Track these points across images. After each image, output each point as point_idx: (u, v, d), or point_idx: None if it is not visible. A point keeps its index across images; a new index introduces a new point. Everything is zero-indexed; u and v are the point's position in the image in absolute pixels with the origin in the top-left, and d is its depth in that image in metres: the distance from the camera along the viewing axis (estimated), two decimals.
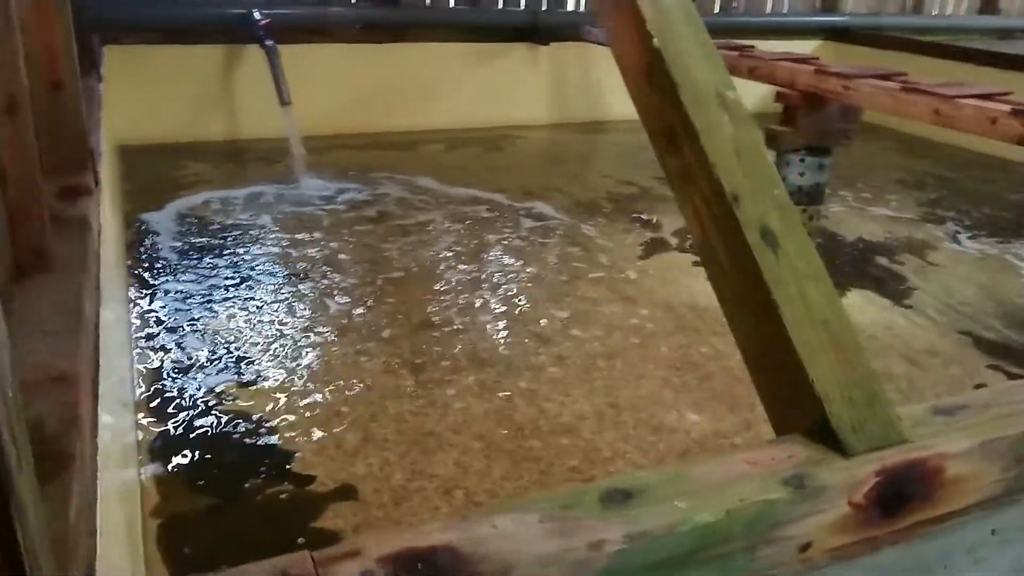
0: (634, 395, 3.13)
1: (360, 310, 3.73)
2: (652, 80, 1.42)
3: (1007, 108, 3.21)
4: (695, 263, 4.34)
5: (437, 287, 4.02)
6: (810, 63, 4.35)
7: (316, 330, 3.52)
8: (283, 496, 2.50)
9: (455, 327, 3.61)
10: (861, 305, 4.03)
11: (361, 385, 3.10)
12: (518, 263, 4.36)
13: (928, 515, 1.16)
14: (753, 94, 4.53)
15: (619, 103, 6.98)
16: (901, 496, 1.12)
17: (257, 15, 5.82)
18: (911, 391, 3.23)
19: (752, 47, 4.97)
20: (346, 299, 3.82)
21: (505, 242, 4.65)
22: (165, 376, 3.09)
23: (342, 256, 4.33)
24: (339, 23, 6.53)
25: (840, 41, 8.60)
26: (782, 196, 1.30)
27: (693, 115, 1.34)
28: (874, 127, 7.03)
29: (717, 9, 8.47)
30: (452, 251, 4.48)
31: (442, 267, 4.26)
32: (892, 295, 4.15)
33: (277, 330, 3.49)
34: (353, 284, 4.00)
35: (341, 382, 3.12)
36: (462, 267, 4.28)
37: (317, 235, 4.59)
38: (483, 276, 4.17)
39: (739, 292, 1.27)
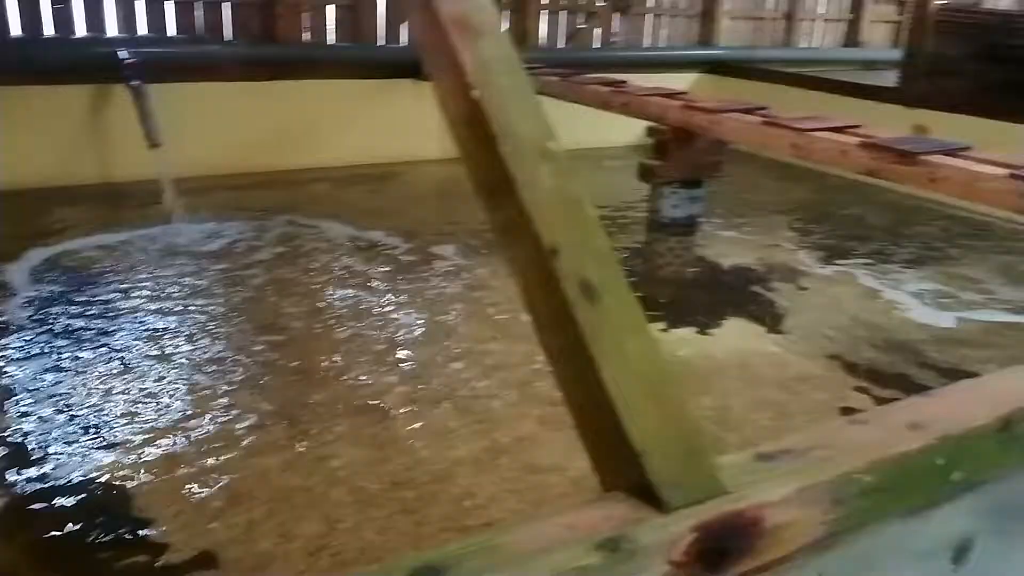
0: (513, 436, 3.09)
1: (231, 359, 3.59)
2: (473, 131, 1.40)
3: (856, 141, 3.36)
4: None
5: (315, 332, 3.91)
6: (679, 98, 4.49)
7: (181, 382, 3.36)
8: (136, 567, 2.35)
9: (331, 373, 3.52)
10: (737, 333, 4.13)
11: (229, 440, 2.97)
12: (402, 302, 4.30)
13: (752, 565, 1.16)
14: (630, 128, 4.63)
15: None
16: (722, 550, 1.11)
17: (123, 54, 5.62)
18: (782, 418, 3.31)
19: (624, 82, 5.09)
20: (216, 348, 3.67)
21: (389, 280, 4.58)
22: (7, 441, 2.88)
23: (213, 303, 4.17)
24: (216, 61, 6.37)
25: (717, 74, 8.92)
26: (603, 248, 1.29)
27: (512, 167, 1.32)
28: (751, 154, 7.30)
29: (597, 44, 8.68)
30: (333, 293, 4.38)
31: (322, 311, 4.16)
32: (766, 322, 4.27)
33: (136, 385, 3.31)
34: (225, 333, 3.85)
35: (207, 437, 2.97)
36: (343, 310, 4.18)
37: (188, 282, 4.41)
38: (364, 318, 4.09)
39: (560, 348, 1.25)
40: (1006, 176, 2.84)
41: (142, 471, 2.76)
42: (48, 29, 6.13)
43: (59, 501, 2.60)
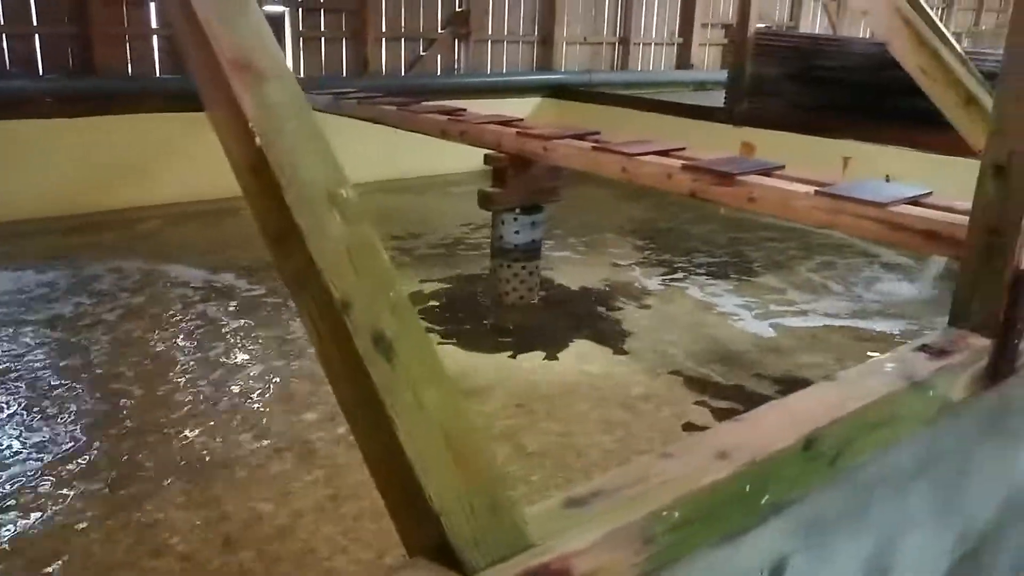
0: (356, 481, 2.98)
1: (48, 420, 3.30)
2: (259, 180, 1.32)
3: (679, 164, 3.48)
4: (439, 342, 4.30)
5: (142, 385, 3.66)
6: (514, 126, 4.52)
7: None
8: None
9: (162, 430, 3.29)
10: (582, 355, 4.18)
11: (46, 511, 2.71)
12: (233, 347, 4.10)
13: None
14: (476, 154, 4.64)
15: (346, 168, 6.89)
16: None
17: None
18: (628, 438, 3.35)
19: (463, 110, 5.09)
20: (33, 409, 3.37)
21: (221, 325, 4.36)
22: None
23: (30, 359, 3.84)
24: (28, 97, 5.93)
25: (558, 98, 9.14)
26: (397, 297, 1.24)
27: (299, 217, 1.25)
28: (590, 174, 7.47)
29: (439, 71, 8.70)
30: (164, 342, 4.13)
31: (149, 361, 3.90)
32: (611, 342, 4.35)
33: None
34: (42, 391, 3.54)
35: (20, 511, 2.70)
36: (173, 359, 3.94)
37: (6, 331, 4.04)
38: (194, 367, 3.87)
39: (356, 404, 1.19)
40: (813, 194, 3.00)
41: None
42: None
43: None
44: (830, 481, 1.53)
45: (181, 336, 4.22)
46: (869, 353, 4.29)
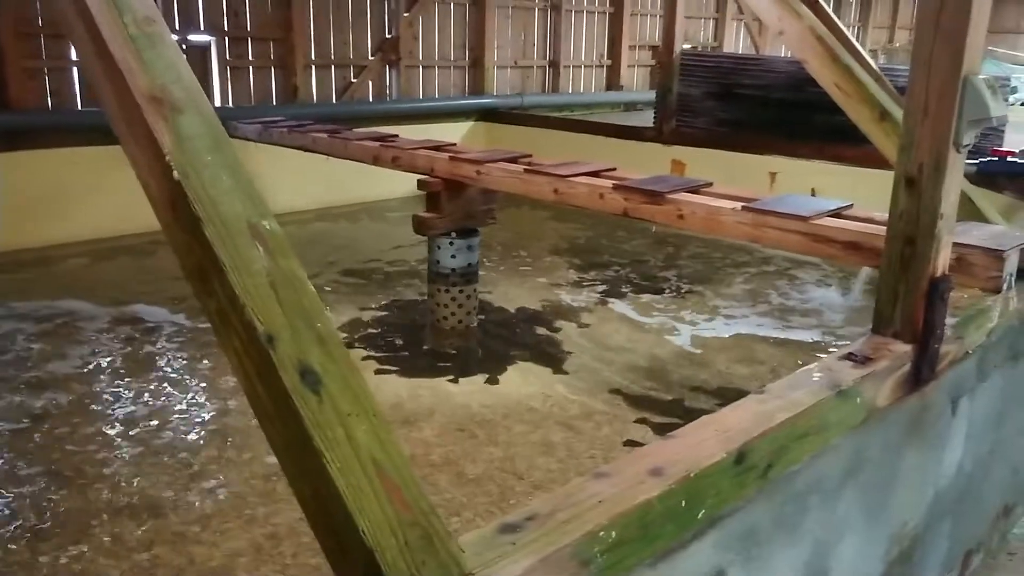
0: (296, 518, 2.91)
1: None
2: (177, 215, 1.29)
3: (610, 184, 3.52)
4: (378, 369, 4.27)
5: (70, 427, 3.53)
6: (446, 150, 4.52)
7: None
8: None
9: (91, 474, 3.17)
10: (522, 377, 4.18)
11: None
12: (172, 387, 3.99)
13: None
14: (411, 179, 4.63)
15: (281, 197, 6.91)
16: None
17: None
18: (570, 459, 3.36)
19: (395, 136, 5.08)
20: None
21: (158, 363, 4.24)
22: None
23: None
24: None
25: (490, 121, 9.19)
26: (325, 330, 1.22)
27: (220, 251, 1.23)
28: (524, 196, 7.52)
29: (371, 98, 8.68)
30: (98, 382, 4.00)
31: (80, 404, 3.77)
32: (550, 363, 4.36)
33: None
34: None
35: None
36: (108, 401, 3.82)
37: None
38: (131, 407, 3.75)
39: (285, 439, 1.16)
40: (740, 209, 3.07)
41: None
42: None
43: None
44: (764, 492, 1.55)
45: (106, 378, 4.09)
46: (799, 362, 4.39)
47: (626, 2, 10.93)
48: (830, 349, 4.63)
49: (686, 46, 8.52)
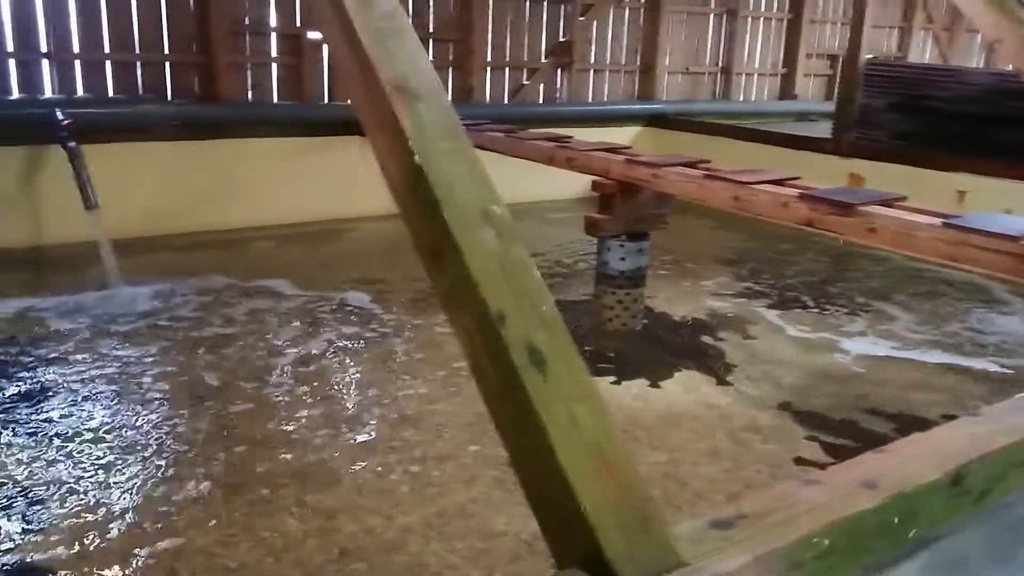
0: (464, 500, 3.02)
1: (173, 428, 3.47)
2: (416, 197, 1.38)
3: (795, 193, 3.43)
4: None
5: (258, 397, 3.80)
6: (622, 153, 4.54)
7: (124, 459, 3.22)
8: None
9: (278, 440, 3.41)
10: (687, 385, 4.13)
11: (167, 516, 2.84)
12: (348, 363, 4.22)
13: None
14: (573, 181, 4.68)
15: None
16: None
17: (60, 115, 5.50)
18: (735, 470, 3.29)
19: (570, 138, 5.14)
20: (158, 417, 3.55)
21: (333, 340, 4.49)
22: None
23: (155, 371, 4.04)
24: (154, 121, 6.28)
25: (658, 127, 9.11)
26: (550, 313, 1.27)
27: (456, 232, 1.30)
28: (691, 204, 7.41)
29: (541, 100, 8.81)
30: (277, 356, 4.28)
31: (265, 375, 4.05)
32: (715, 373, 4.28)
33: (72, 462, 3.16)
34: (166, 400, 3.72)
35: (145, 514, 2.84)
36: (288, 374, 4.08)
37: (129, 350, 4.27)
38: (312, 383, 3.99)
39: (509, 415, 1.22)
40: (940, 225, 2.91)
41: (71, 551, 2.63)
42: None
43: None
44: (977, 518, 1.47)
45: (283, 351, 4.36)
46: (980, 393, 4.11)
47: (805, 8, 10.55)
48: (1005, 376, 4.30)
49: (870, 55, 8.14)
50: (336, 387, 3.94)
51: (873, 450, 1.47)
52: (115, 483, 3.02)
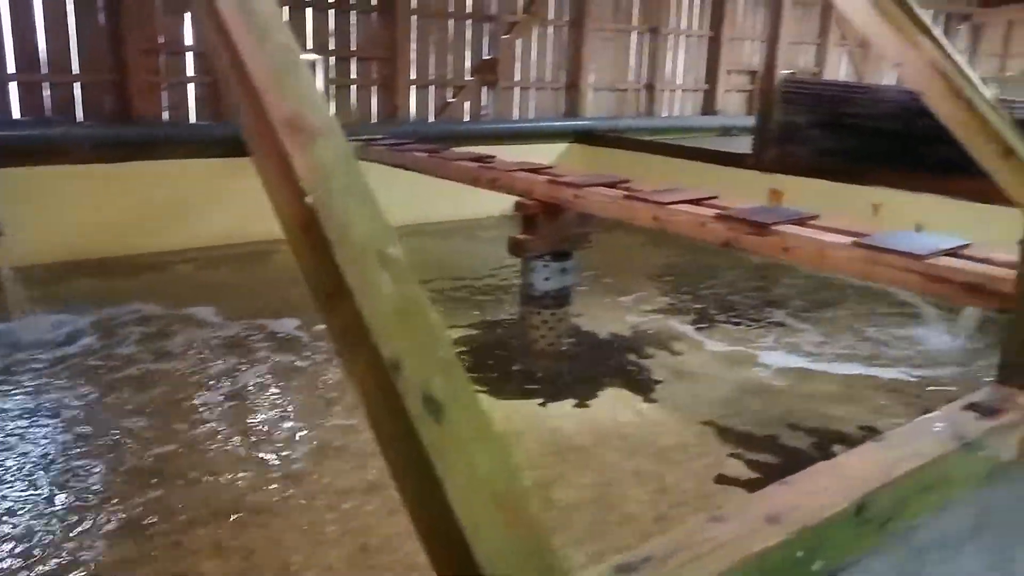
0: (390, 533, 2.95)
1: (81, 465, 3.31)
2: (308, 237, 1.32)
3: (712, 213, 3.47)
4: None
5: (178, 434, 3.66)
6: (545, 173, 4.55)
7: (31, 504, 3.06)
8: None
9: (194, 474, 3.28)
10: (614, 404, 4.14)
11: (77, 560, 2.70)
12: (275, 395, 4.11)
13: None
14: (503, 198, 4.68)
15: (388, 213, 6.96)
16: None
17: None
18: (663, 491, 3.30)
19: (493, 157, 5.14)
20: (65, 456, 3.38)
21: (260, 371, 4.37)
22: None
23: (63, 405, 3.86)
24: (66, 143, 6.06)
25: (585, 143, 9.19)
26: (447, 357, 1.23)
27: (348, 274, 1.25)
28: (618, 220, 7.48)
29: (467, 117, 8.80)
30: (200, 390, 4.14)
31: (186, 411, 3.91)
32: (642, 390, 4.31)
33: None
34: (75, 436, 3.56)
35: (49, 561, 2.70)
36: (211, 409, 3.95)
37: (33, 382, 4.08)
38: (238, 417, 3.87)
39: (404, 465, 1.17)
40: (851, 245, 2.98)
41: None
42: None
43: None
44: (882, 546, 1.49)
45: (203, 382, 4.23)
46: (900, 405, 4.22)
47: (725, 27, 10.80)
48: (934, 391, 4.44)
49: (787, 72, 8.36)
50: (262, 420, 3.82)
51: (778, 482, 1.47)
52: (19, 529, 2.87)
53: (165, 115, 6.87)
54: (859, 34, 11.62)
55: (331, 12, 7.72)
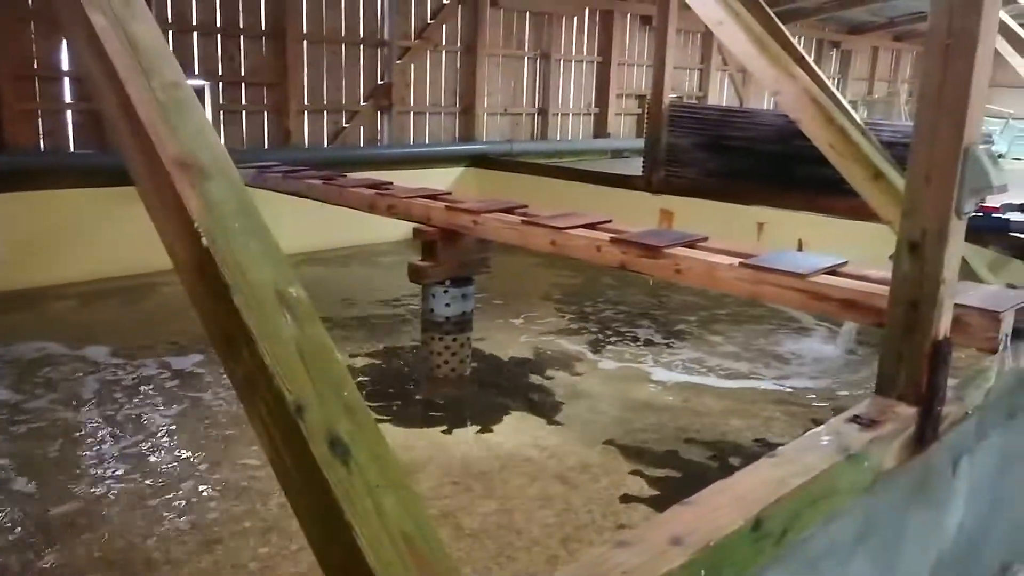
0: (293, 573, 2.87)
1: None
2: (205, 281, 1.30)
3: (607, 236, 3.56)
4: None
5: (60, 480, 3.47)
6: (442, 199, 4.56)
7: None
8: None
9: (83, 525, 3.12)
10: (516, 427, 4.17)
11: None
12: (163, 435, 3.95)
13: None
14: (401, 223, 4.66)
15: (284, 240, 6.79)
16: None
17: None
18: (567, 512, 3.34)
19: (390, 183, 5.12)
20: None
21: (145, 409, 4.20)
22: None
23: None
24: None
25: (480, 167, 9.27)
26: (352, 399, 1.23)
27: (248, 318, 1.24)
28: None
29: (362, 143, 8.74)
30: (82, 431, 3.94)
31: (71, 452, 3.72)
32: (543, 413, 4.35)
33: None
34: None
35: None
36: (96, 450, 3.77)
37: None
38: (122, 458, 3.70)
39: (312, 510, 1.16)
40: (738, 265, 3.11)
41: None
42: None
43: None
44: (779, 558, 1.56)
45: (90, 424, 4.04)
46: (790, 414, 4.42)
47: (614, 52, 11.12)
48: (821, 400, 4.66)
49: (673, 95, 8.67)
50: (161, 465, 3.65)
51: (680, 503, 1.52)
52: None
53: (42, 144, 6.53)
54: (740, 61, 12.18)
55: (218, 37, 7.54)
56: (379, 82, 8.80)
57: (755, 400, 4.66)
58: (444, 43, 9.33)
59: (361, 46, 8.61)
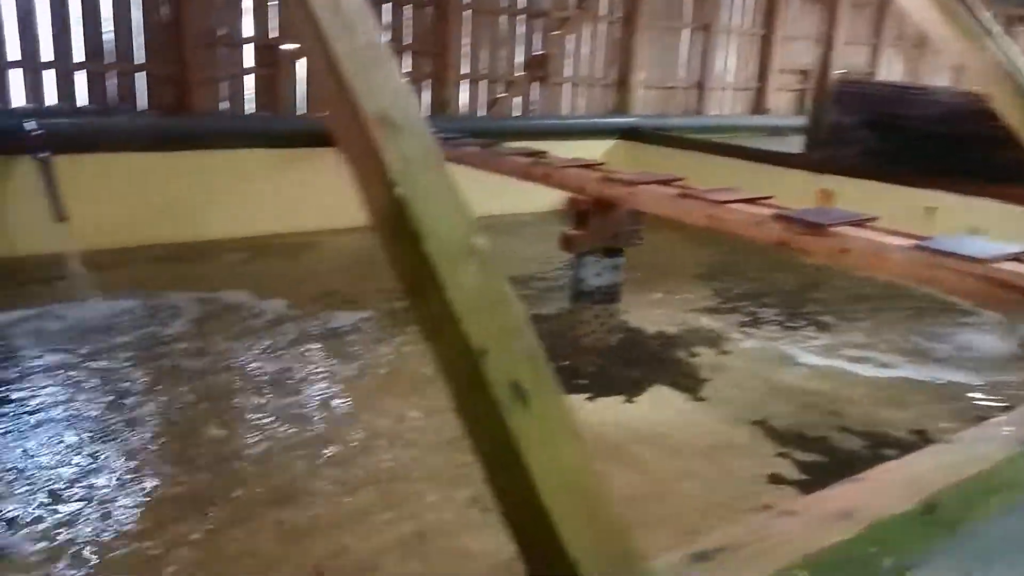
0: (441, 519, 3.01)
1: (142, 447, 3.42)
2: (397, 230, 1.38)
3: (769, 212, 3.47)
4: None
5: (230, 416, 3.77)
6: (597, 169, 4.58)
7: (85, 477, 3.17)
8: None
9: (252, 460, 3.38)
10: (661, 402, 4.15)
11: (135, 536, 2.80)
12: (324, 380, 4.20)
13: None
14: (547, 194, 4.71)
15: None
16: None
17: (29, 125, 5.43)
18: (709, 491, 3.31)
19: (545, 153, 5.18)
20: (129, 434, 3.50)
21: (307, 357, 4.47)
22: None
23: (125, 387, 3.99)
24: (125, 132, 6.23)
25: (631, 140, 9.17)
26: (532, 349, 1.28)
27: (438, 266, 1.30)
28: (666, 219, 7.46)
29: (516, 113, 8.84)
30: (250, 373, 4.24)
31: (238, 393, 4.02)
32: (689, 389, 4.31)
33: (36, 476, 3.12)
34: (136, 417, 3.68)
35: (112, 534, 2.80)
36: (262, 391, 4.05)
37: (97, 364, 4.21)
38: (286, 399, 3.96)
39: (492, 452, 1.22)
40: (911, 247, 2.96)
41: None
42: None
43: None
44: (950, 546, 1.50)
45: (256, 368, 4.33)
46: (949, 409, 4.18)
47: (777, 25, 10.70)
48: (985, 397, 4.38)
49: (841, 71, 8.26)
50: (316, 408, 3.90)
51: (847, 479, 1.50)
52: (68, 496, 2.98)
53: (222, 106, 7.00)
54: (915, 35, 11.44)
55: (383, 7, 7.80)
56: (535, 53, 8.85)
57: (911, 391, 4.44)
58: (603, 13, 9.26)
59: (520, 16, 8.68)
